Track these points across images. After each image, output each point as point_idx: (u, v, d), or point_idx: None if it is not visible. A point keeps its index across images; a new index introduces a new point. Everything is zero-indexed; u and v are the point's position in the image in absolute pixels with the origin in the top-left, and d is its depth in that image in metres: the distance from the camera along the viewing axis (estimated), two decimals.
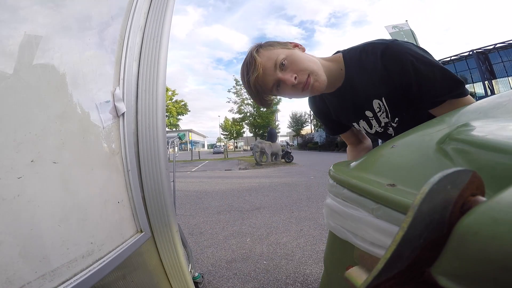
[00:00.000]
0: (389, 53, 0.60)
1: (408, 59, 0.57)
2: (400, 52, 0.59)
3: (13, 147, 0.39)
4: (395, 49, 0.59)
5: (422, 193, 0.13)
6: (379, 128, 0.74)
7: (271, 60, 0.62)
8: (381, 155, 0.35)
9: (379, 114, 0.70)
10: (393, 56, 0.59)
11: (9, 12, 0.43)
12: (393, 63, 0.59)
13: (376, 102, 0.68)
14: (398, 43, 0.60)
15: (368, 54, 0.63)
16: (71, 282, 0.45)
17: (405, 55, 0.58)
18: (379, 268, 0.14)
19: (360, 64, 0.64)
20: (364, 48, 0.65)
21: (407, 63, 0.57)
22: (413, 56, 0.57)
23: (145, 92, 0.72)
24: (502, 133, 0.23)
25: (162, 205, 0.73)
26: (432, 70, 0.57)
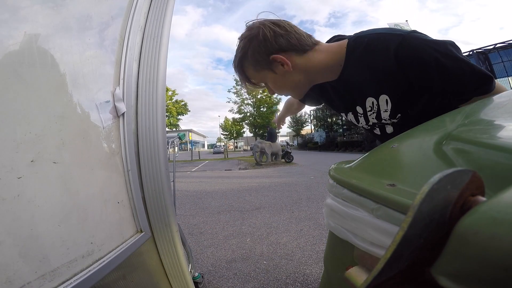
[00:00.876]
0: (405, 50, 0.52)
1: (432, 56, 0.50)
2: (420, 47, 0.51)
3: (13, 147, 0.39)
4: (413, 44, 0.51)
5: (422, 193, 0.13)
6: (366, 125, 0.72)
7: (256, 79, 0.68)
8: (381, 155, 0.35)
9: (369, 113, 0.67)
10: (412, 52, 0.51)
11: (9, 12, 0.43)
12: (411, 61, 0.52)
13: (370, 100, 0.64)
14: (416, 36, 0.52)
15: (379, 48, 0.55)
16: (71, 282, 0.45)
17: (428, 50, 0.50)
18: (379, 268, 0.14)
19: (362, 60, 0.58)
20: (373, 40, 0.57)
21: (430, 60, 0.50)
22: (438, 51, 0.50)
23: (145, 92, 0.72)
24: (502, 133, 0.23)
25: (162, 205, 0.73)
26: (460, 66, 0.50)
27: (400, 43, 0.52)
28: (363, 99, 0.65)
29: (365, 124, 0.71)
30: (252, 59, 0.64)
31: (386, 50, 0.54)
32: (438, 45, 0.51)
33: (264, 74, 0.65)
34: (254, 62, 0.64)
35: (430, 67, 0.51)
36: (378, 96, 0.61)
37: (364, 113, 0.68)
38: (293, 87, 0.67)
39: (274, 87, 0.68)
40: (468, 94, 0.53)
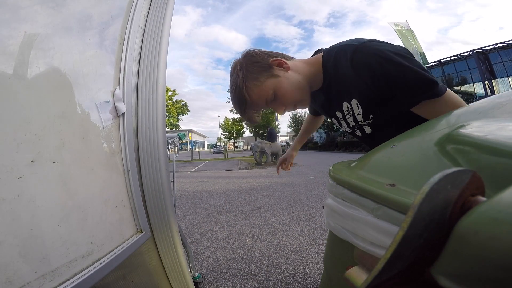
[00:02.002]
0: (357, 57, 0.59)
1: (376, 61, 0.56)
2: (368, 54, 0.57)
3: (13, 147, 0.39)
4: (364, 51, 0.58)
5: (422, 193, 0.13)
6: (348, 128, 0.78)
7: (262, 98, 0.68)
8: (381, 155, 0.35)
9: (347, 117, 0.72)
10: (361, 59, 0.58)
11: (9, 11, 0.43)
12: (362, 67, 0.58)
13: (345, 105, 0.69)
14: (368, 45, 0.58)
15: (341, 58, 0.62)
16: (71, 282, 0.45)
17: (373, 57, 0.56)
18: (379, 268, 0.14)
19: (334, 67, 0.65)
20: (338, 51, 0.64)
21: (375, 66, 0.56)
22: (382, 57, 0.56)
23: (145, 92, 0.72)
24: (502, 133, 0.23)
25: (162, 205, 0.73)
26: (402, 71, 0.55)
27: (354, 51, 0.59)
28: (340, 104, 0.71)
29: (347, 127, 0.77)
30: (253, 74, 0.67)
31: (346, 57, 0.61)
32: (383, 52, 0.56)
33: (269, 84, 0.67)
34: (257, 75, 0.66)
35: (376, 72, 0.56)
36: (350, 101, 0.67)
37: (343, 117, 0.74)
38: (298, 88, 0.69)
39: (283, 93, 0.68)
40: (416, 98, 0.57)
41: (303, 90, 0.70)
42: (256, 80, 0.66)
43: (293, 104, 0.72)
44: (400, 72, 0.55)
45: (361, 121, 0.70)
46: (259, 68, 0.67)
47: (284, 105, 0.71)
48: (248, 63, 0.67)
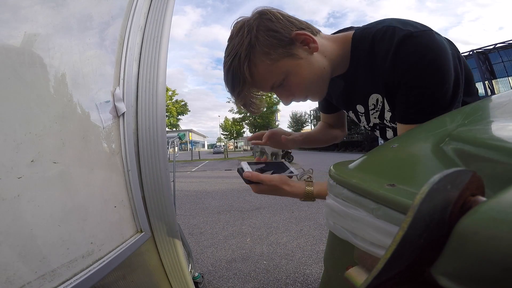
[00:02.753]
0: (409, 45, 0.44)
1: (425, 62, 0.44)
2: (426, 48, 0.44)
3: (13, 147, 0.39)
4: (419, 41, 0.44)
5: (422, 193, 0.13)
6: (367, 126, 0.66)
7: (268, 81, 0.53)
8: (381, 155, 0.35)
9: (371, 112, 0.59)
10: (412, 51, 0.44)
11: (9, 11, 0.43)
12: (405, 60, 0.45)
13: (374, 97, 0.56)
14: (428, 36, 0.45)
15: (383, 40, 0.48)
16: (71, 282, 0.45)
17: (425, 59, 0.44)
18: (379, 268, 0.14)
19: (369, 51, 0.51)
20: (380, 32, 0.49)
21: (420, 65, 0.44)
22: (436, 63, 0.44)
23: (145, 92, 0.72)
24: (502, 133, 0.23)
25: (162, 205, 0.73)
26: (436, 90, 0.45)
27: (407, 36, 0.45)
28: (366, 96, 0.57)
29: (366, 124, 0.66)
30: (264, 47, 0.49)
31: (389, 43, 0.47)
32: (442, 57, 0.44)
33: (283, 65, 0.50)
34: (269, 49, 0.49)
35: (415, 73, 0.45)
36: (382, 94, 0.54)
37: (366, 112, 0.61)
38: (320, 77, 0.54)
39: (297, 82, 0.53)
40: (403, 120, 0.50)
41: (324, 80, 0.55)
42: (266, 55, 0.49)
43: (305, 96, 0.57)
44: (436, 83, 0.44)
45: (387, 121, 0.58)
46: (275, 40, 0.49)
47: (294, 95, 0.56)
48: (262, 29, 0.49)
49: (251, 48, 0.49)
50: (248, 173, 0.57)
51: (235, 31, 0.52)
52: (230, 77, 0.52)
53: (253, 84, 0.53)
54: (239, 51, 0.49)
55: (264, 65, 0.50)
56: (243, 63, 0.49)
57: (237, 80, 0.52)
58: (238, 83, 0.52)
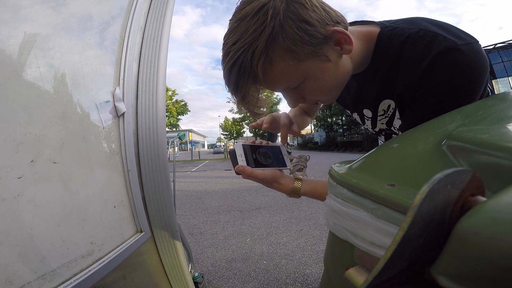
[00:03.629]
0: (449, 59, 0.39)
1: (457, 83, 0.39)
2: (465, 66, 0.39)
3: (13, 147, 0.39)
4: (462, 57, 0.38)
5: (422, 193, 0.13)
6: (371, 130, 0.62)
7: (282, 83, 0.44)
8: (381, 155, 0.35)
9: (379, 118, 0.56)
10: (450, 66, 0.39)
11: (9, 11, 0.43)
12: (440, 74, 0.40)
13: (386, 103, 0.52)
14: (473, 52, 0.39)
15: (416, 46, 0.42)
16: (71, 282, 0.45)
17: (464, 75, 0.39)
18: (379, 268, 0.14)
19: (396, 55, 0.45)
20: (413, 36, 0.43)
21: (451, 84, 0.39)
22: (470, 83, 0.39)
23: (145, 92, 0.72)
24: (502, 133, 0.23)
25: (162, 205, 0.73)
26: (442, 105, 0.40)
27: (451, 49, 0.39)
28: (378, 101, 0.53)
29: (370, 128, 0.62)
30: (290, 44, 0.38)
31: (424, 52, 0.41)
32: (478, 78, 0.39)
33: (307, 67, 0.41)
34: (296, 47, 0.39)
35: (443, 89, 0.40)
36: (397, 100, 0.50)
37: (373, 117, 0.57)
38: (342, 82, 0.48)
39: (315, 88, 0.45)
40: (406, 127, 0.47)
41: (344, 84, 0.49)
42: (290, 53, 0.39)
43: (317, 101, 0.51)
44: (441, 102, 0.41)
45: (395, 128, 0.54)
46: (306, 35, 0.38)
47: (304, 99, 0.49)
48: (292, 17, 0.38)
49: (273, 41, 0.38)
50: (240, 168, 0.50)
51: (251, 11, 0.38)
52: (235, 74, 0.40)
53: (263, 83, 0.43)
54: (255, 42, 0.37)
55: (284, 64, 0.40)
56: (258, 59, 0.38)
57: (245, 79, 0.41)
58: (245, 82, 0.41)
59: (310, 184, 0.54)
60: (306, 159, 0.60)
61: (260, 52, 0.38)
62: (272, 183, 0.53)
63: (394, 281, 0.15)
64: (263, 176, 0.51)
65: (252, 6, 0.38)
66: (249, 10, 0.38)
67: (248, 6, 0.39)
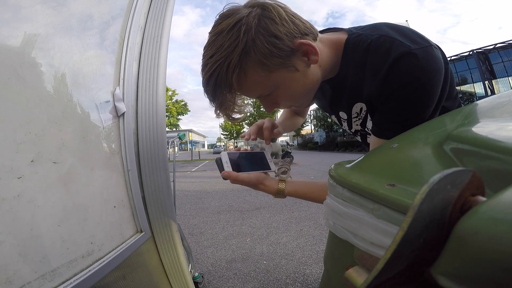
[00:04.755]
0: (404, 64, 0.41)
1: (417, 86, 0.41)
2: (420, 70, 0.41)
3: (13, 147, 0.39)
4: (418, 64, 0.41)
5: (422, 193, 0.13)
6: (349, 131, 0.66)
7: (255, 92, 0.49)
8: (381, 155, 0.35)
9: (354, 119, 0.58)
10: (406, 71, 0.42)
11: (10, 11, 0.43)
12: (398, 79, 0.42)
13: (358, 106, 0.54)
14: (427, 55, 0.41)
15: (377, 52, 0.45)
16: (71, 282, 0.45)
17: (421, 78, 0.41)
18: (379, 268, 0.14)
19: (361, 60, 0.48)
20: (374, 42, 0.45)
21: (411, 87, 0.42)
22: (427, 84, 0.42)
23: (145, 92, 0.72)
24: (502, 133, 0.23)
25: (162, 205, 0.73)
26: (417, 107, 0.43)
27: (405, 54, 0.41)
28: (351, 104, 0.56)
29: (348, 129, 0.65)
30: (261, 57, 0.42)
31: (383, 58, 0.44)
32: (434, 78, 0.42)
33: (277, 77, 0.46)
34: (267, 60, 0.43)
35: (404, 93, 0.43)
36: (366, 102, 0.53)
37: (348, 119, 0.60)
38: (311, 89, 0.51)
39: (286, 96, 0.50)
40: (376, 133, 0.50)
41: (314, 91, 0.53)
42: (261, 65, 0.43)
43: (290, 105, 0.56)
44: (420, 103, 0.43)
45: (368, 129, 0.57)
46: (275, 48, 0.42)
47: (279, 104, 0.54)
48: (262, 32, 0.41)
49: (245, 55, 0.42)
50: (226, 174, 0.57)
51: (226, 27, 0.42)
52: (213, 85, 0.44)
53: (238, 91, 0.48)
54: (230, 56, 0.42)
55: (256, 75, 0.44)
56: (233, 71, 0.42)
57: (221, 88, 0.45)
58: (222, 92, 0.45)
59: (294, 185, 0.59)
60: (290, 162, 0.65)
61: (234, 65, 0.42)
62: (258, 185, 0.59)
63: (394, 281, 0.15)
64: (249, 179, 0.57)
65: (227, 22, 0.42)
66: (224, 26, 0.42)
67: (224, 22, 0.43)
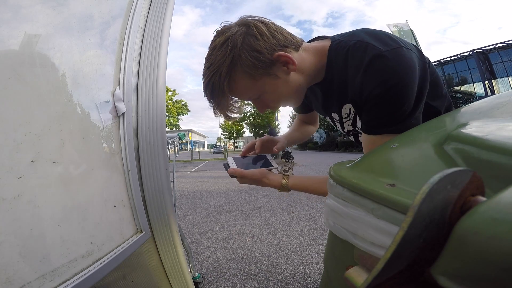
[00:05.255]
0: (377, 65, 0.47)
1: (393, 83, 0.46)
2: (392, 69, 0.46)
3: (13, 147, 0.39)
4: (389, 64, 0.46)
5: (422, 193, 0.13)
6: (343, 131, 0.70)
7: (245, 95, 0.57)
8: (381, 155, 0.35)
9: (344, 120, 0.63)
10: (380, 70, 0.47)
11: (10, 11, 0.43)
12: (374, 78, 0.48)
13: (347, 107, 0.59)
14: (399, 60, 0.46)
15: (355, 56, 0.51)
16: (71, 282, 0.45)
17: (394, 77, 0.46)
18: (379, 268, 0.14)
19: (343, 64, 0.53)
20: (354, 47, 0.51)
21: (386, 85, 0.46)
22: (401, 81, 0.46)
23: (145, 92, 0.72)
24: (502, 133, 0.23)
25: (162, 205, 0.73)
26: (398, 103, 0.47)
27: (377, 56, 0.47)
28: (340, 106, 0.61)
29: (341, 129, 0.70)
30: (246, 68, 0.51)
31: (360, 60, 0.49)
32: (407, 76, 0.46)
33: (262, 84, 0.54)
34: (251, 69, 0.51)
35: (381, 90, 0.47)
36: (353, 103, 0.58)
37: (340, 120, 0.65)
38: (295, 92, 0.58)
39: (273, 98, 0.58)
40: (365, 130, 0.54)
41: (300, 93, 0.60)
42: (246, 74, 0.52)
43: (280, 106, 0.63)
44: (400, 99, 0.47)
45: (358, 129, 0.61)
46: (257, 61, 0.51)
47: (269, 106, 0.61)
48: (246, 48, 0.50)
49: (233, 66, 0.52)
50: (232, 170, 0.66)
51: (218, 43, 0.52)
52: (210, 89, 0.55)
53: (231, 95, 0.58)
54: (221, 67, 0.51)
55: (244, 82, 0.54)
56: (224, 79, 0.52)
57: (216, 93, 0.55)
58: (217, 95, 0.55)
59: (297, 178, 0.65)
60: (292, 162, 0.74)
61: (224, 75, 0.52)
62: (262, 179, 0.65)
63: (394, 281, 0.15)
64: (252, 174, 0.65)
65: (219, 39, 0.52)
66: (217, 43, 0.52)
67: (217, 39, 0.53)
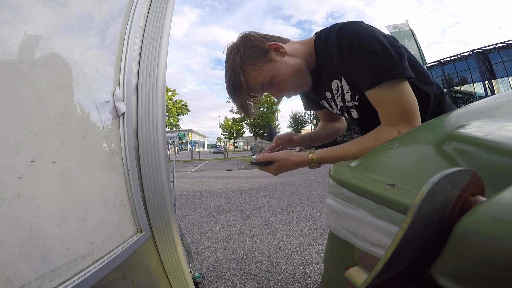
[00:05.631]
0: (342, 32, 0.60)
1: (358, 37, 0.57)
2: (352, 30, 0.59)
3: (13, 147, 0.39)
4: (348, 28, 0.60)
5: (422, 193, 0.13)
6: (338, 111, 0.77)
7: (258, 83, 0.68)
8: (381, 155, 0.35)
9: (336, 97, 0.72)
10: (344, 34, 0.60)
11: (10, 11, 0.43)
12: (343, 42, 0.59)
13: (335, 83, 0.69)
14: (355, 25, 0.61)
15: (330, 35, 0.64)
16: (71, 282, 0.45)
17: (356, 33, 0.58)
18: (379, 268, 0.14)
19: (325, 46, 0.66)
20: (328, 30, 0.66)
21: (354, 40, 0.57)
22: (363, 33, 0.57)
23: (145, 92, 0.72)
24: (502, 133, 0.23)
25: (162, 205, 0.73)
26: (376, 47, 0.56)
27: (340, 27, 0.61)
28: (329, 82, 0.70)
29: (336, 109, 0.77)
30: (251, 59, 0.66)
31: (333, 35, 0.62)
32: (367, 30, 0.58)
33: (267, 68, 0.67)
34: (255, 59, 0.66)
35: (354, 47, 0.57)
36: (340, 78, 0.67)
37: (332, 98, 0.74)
38: (297, 71, 0.69)
39: (281, 79, 0.68)
40: (377, 78, 0.57)
41: (303, 73, 0.70)
42: (253, 65, 0.66)
43: (292, 89, 0.72)
44: (373, 48, 0.55)
45: (348, 102, 0.69)
46: (256, 52, 0.66)
47: (282, 90, 0.71)
48: (246, 47, 0.67)
49: (242, 62, 0.66)
50: (259, 156, 0.71)
51: (228, 54, 0.69)
52: (232, 86, 0.68)
53: (248, 88, 0.69)
54: (235, 66, 0.66)
55: (254, 71, 0.67)
56: (239, 73, 0.66)
57: (236, 87, 0.67)
58: (237, 89, 0.68)
59: (322, 151, 0.69)
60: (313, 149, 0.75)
61: (238, 70, 0.66)
62: (290, 157, 0.69)
63: (394, 281, 0.15)
64: (277, 154, 0.70)
65: (228, 51, 0.70)
66: (228, 53, 0.70)
67: (227, 52, 0.70)
